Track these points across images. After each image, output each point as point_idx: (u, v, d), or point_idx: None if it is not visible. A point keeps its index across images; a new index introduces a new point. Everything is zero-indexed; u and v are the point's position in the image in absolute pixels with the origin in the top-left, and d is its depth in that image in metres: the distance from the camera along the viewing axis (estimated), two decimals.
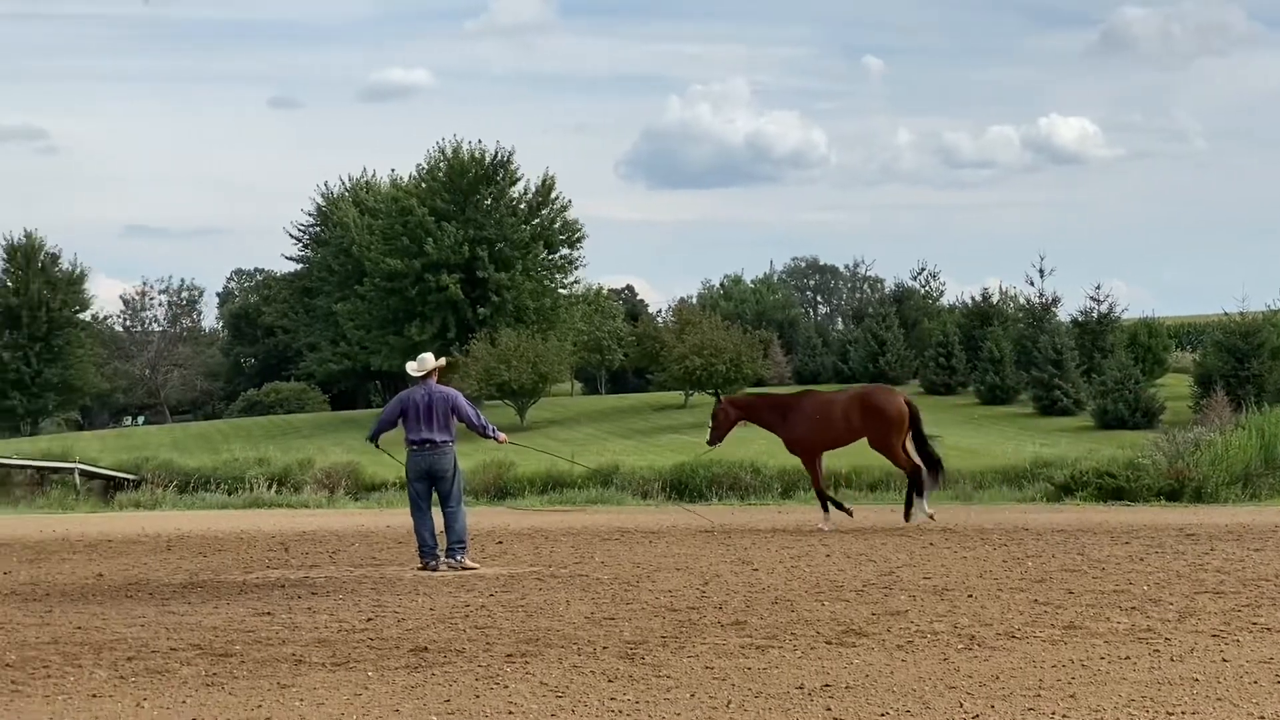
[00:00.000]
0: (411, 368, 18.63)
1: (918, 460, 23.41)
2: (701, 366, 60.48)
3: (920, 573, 16.58)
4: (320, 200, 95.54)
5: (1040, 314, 63.18)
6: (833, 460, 29.02)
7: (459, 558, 17.85)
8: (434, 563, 17.73)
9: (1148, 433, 40.66)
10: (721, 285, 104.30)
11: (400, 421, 18.24)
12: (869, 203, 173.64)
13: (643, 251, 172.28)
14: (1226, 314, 55.77)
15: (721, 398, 25.19)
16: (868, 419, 23.50)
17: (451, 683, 10.17)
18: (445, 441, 18.10)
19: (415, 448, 18.06)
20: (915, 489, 23.38)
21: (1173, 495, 29.00)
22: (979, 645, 11.50)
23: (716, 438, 24.46)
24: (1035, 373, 56.79)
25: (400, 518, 26.46)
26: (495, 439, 18.82)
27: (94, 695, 9.85)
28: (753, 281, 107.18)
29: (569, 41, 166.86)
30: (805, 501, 33.12)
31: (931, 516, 23.10)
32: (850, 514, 23.58)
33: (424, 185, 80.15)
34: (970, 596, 14.34)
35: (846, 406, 23.74)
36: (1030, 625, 12.47)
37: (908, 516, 23.20)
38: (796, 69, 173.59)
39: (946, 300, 78.24)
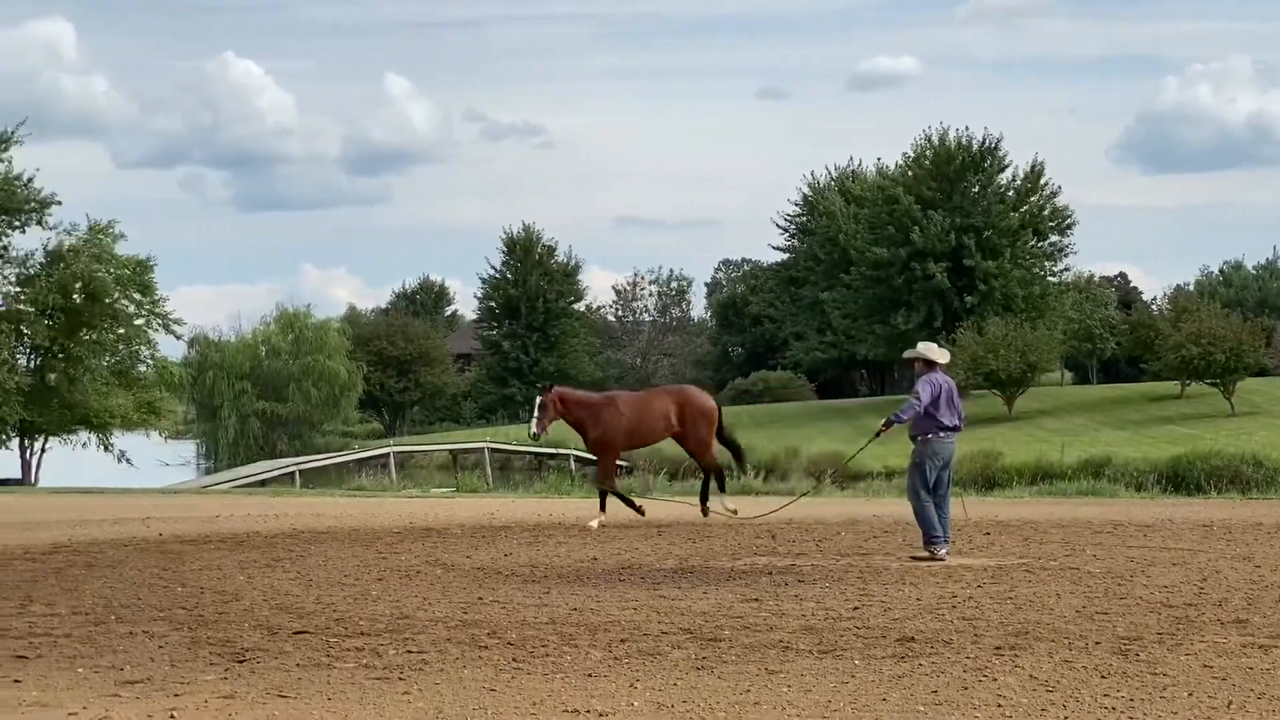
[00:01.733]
0: (938, 353, 18.44)
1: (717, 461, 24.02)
2: (1199, 355, 58.52)
3: None
4: (807, 190, 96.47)
5: None
6: None
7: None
8: (944, 550, 17.61)
9: None
10: (1221, 272, 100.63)
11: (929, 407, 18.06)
12: None
13: (1136, 238, 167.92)
14: None
15: (551, 387, 24.86)
16: (687, 418, 23.89)
17: (939, 674, 10.11)
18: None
19: (946, 434, 18.00)
20: (719, 484, 24.02)
21: None
22: None
23: (541, 428, 24.26)
24: None
25: (887, 507, 26.44)
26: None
27: (589, 675, 10.17)
28: (1255, 268, 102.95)
29: (1059, 24, 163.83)
30: None
31: (734, 511, 23.08)
32: (641, 513, 23.63)
33: (910, 173, 79.96)
34: None
35: (665, 406, 24.00)
36: None
37: (705, 511, 23.46)
38: None
39: None
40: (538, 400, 24.22)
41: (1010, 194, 79.08)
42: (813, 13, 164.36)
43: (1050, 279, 79.51)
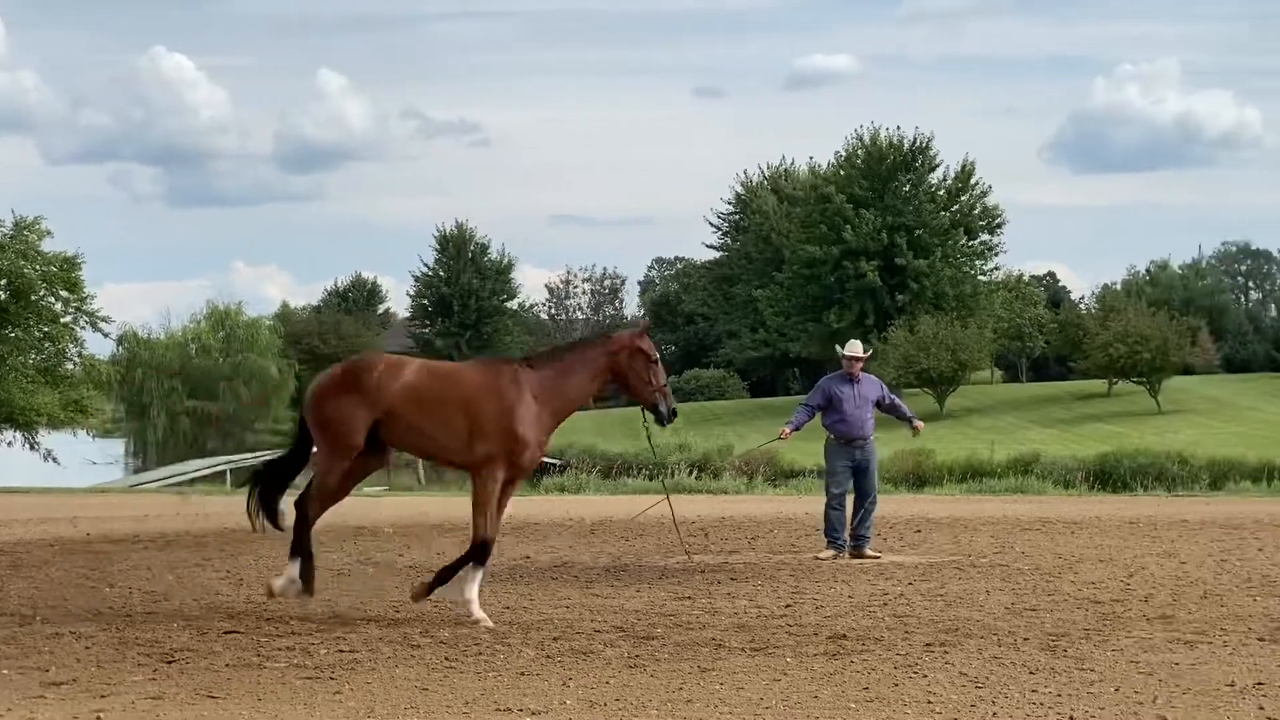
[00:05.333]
0: (848, 349, 18.42)
1: None
2: (1126, 354, 59.02)
3: None
4: (740, 189, 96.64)
5: None
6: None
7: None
8: (830, 554, 17.68)
9: None
10: (1147, 271, 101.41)
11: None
12: None
13: (1066, 237, 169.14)
14: None
15: None
16: None
17: (870, 670, 10.17)
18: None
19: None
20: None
21: None
22: None
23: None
24: None
25: (819, 504, 26.56)
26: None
27: (522, 673, 10.18)
28: (1180, 267, 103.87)
29: (995, 25, 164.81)
30: (1235, 493, 32.03)
31: None
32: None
33: (842, 173, 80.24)
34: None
35: None
36: None
37: None
38: (1231, 46, 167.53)
39: None
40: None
41: (941, 193, 79.54)
42: (750, 11, 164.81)
43: (980, 278, 80.00)
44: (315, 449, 13.28)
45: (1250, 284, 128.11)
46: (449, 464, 13.83)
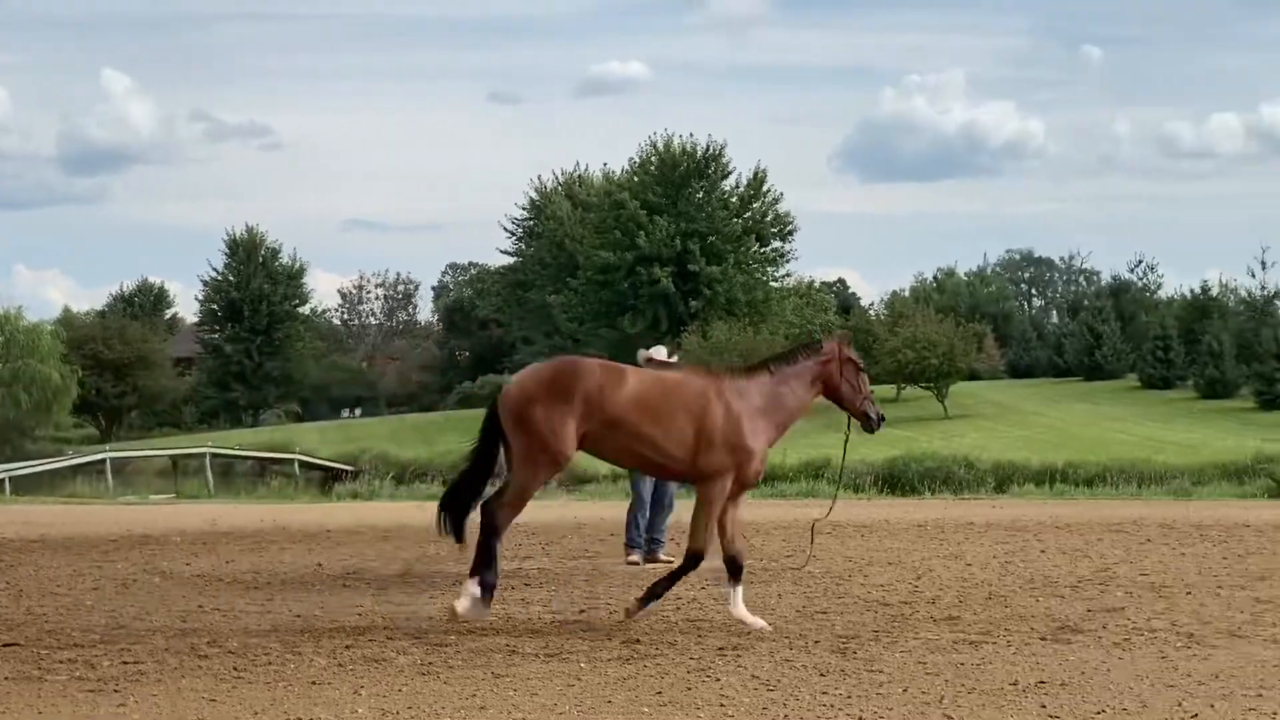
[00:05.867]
0: (648, 353, 18.42)
1: None
2: (914, 360, 60.04)
3: (1137, 569, 16.30)
4: (534, 194, 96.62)
5: (1262, 307, 61.70)
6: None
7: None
8: (637, 556, 17.76)
9: None
10: (935, 278, 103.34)
11: None
12: (1086, 194, 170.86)
13: (855, 244, 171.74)
14: None
15: None
16: None
17: (663, 675, 10.21)
18: None
19: None
20: None
21: None
22: (1198, 643, 11.27)
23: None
24: (1257, 366, 55.47)
25: (613, 510, 26.61)
26: None
27: (313, 682, 10.06)
28: (966, 274, 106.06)
29: (785, 34, 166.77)
30: (1019, 496, 32.75)
31: None
32: None
33: (636, 179, 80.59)
34: (1189, 594, 14.06)
35: None
36: (1252, 623, 12.19)
37: None
38: (1014, 59, 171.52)
39: (1164, 293, 76.75)
40: None
41: (734, 200, 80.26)
42: (544, 17, 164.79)
43: (772, 284, 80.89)
44: (511, 457, 12.60)
45: (1033, 291, 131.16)
46: (670, 475, 13.57)
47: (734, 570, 12.51)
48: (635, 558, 17.67)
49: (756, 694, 9.56)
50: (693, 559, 12.61)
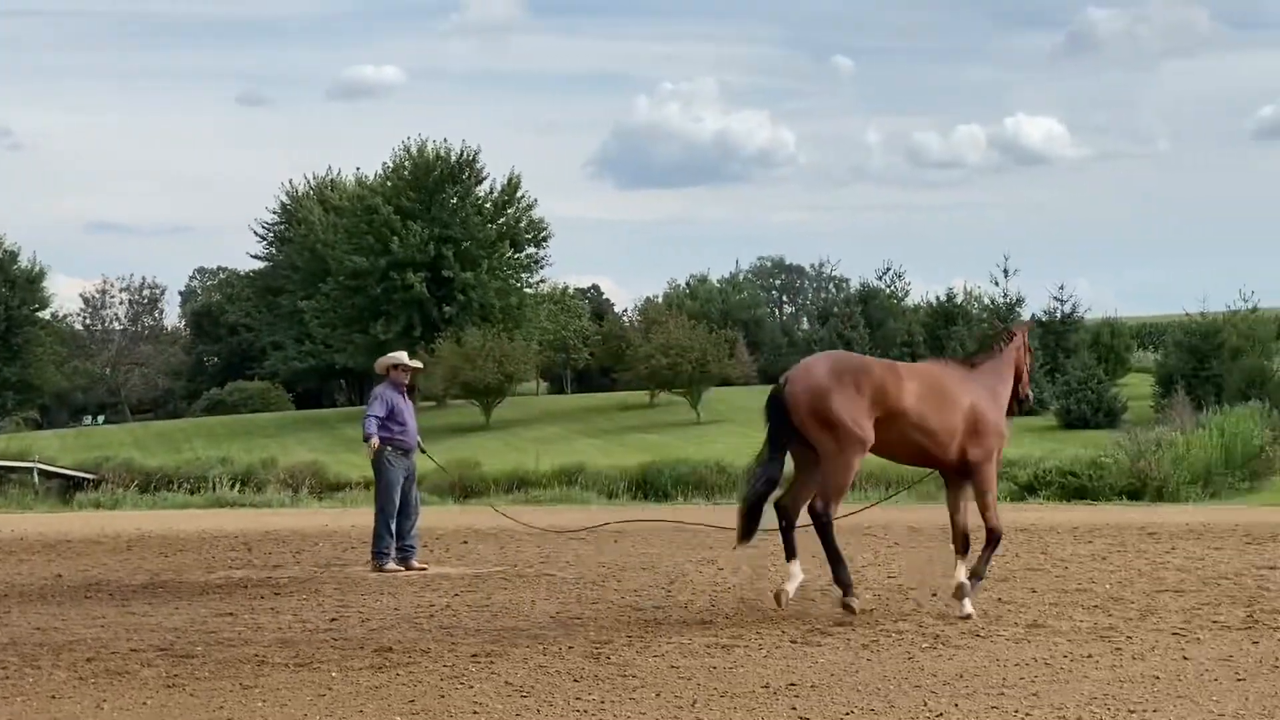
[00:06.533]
0: (391, 359, 18.31)
1: None
2: (667, 366, 60.47)
3: (885, 571, 16.60)
4: (285, 199, 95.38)
5: (1005, 314, 63.35)
6: None
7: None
8: (390, 563, 17.62)
9: (1110, 432, 40.82)
10: (687, 285, 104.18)
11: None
12: (837, 202, 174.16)
13: (609, 251, 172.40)
14: (1188, 314, 56.08)
15: None
16: None
17: (416, 683, 10.13)
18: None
19: (404, 452, 17.94)
20: None
21: (1135, 494, 29.15)
22: (943, 644, 11.51)
23: None
24: None
25: (366, 517, 26.35)
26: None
27: (53, 696, 9.78)
28: (719, 281, 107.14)
29: (540, 40, 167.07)
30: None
31: None
32: None
33: (389, 184, 79.99)
34: (934, 595, 14.35)
35: None
36: (994, 624, 12.48)
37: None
38: (766, 68, 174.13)
39: (912, 300, 78.39)
40: None
41: (488, 206, 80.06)
42: (295, 18, 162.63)
43: (527, 290, 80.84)
44: (820, 450, 12.92)
45: (784, 298, 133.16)
46: (934, 464, 13.74)
47: (964, 546, 13.41)
48: (387, 565, 17.52)
49: (510, 700, 9.52)
50: (996, 538, 13.56)
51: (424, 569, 17.55)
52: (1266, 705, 9.19)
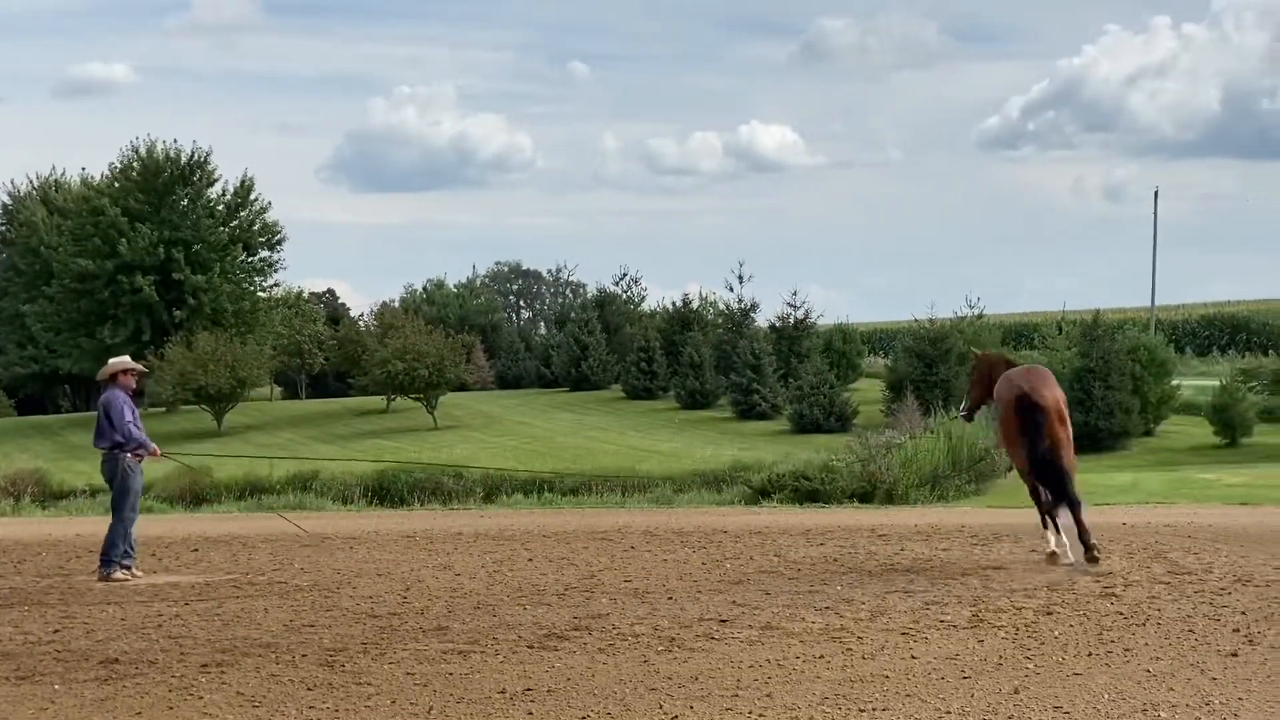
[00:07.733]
0: (115, 365, 17.91)
1: None
2: (404, 371, 60.10)
3: (621, 576, 16.69)
4: (6, 199, 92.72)
5: (739, 319, 64.23)
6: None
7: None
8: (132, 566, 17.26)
9: (842, 436, 41.57)
10: (424, 289, 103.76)
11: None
12: (575, 208, 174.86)
13: (345, 255, 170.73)
14: (916, 320, 57.45)
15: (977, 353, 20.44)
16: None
17: (143, 694, 9.90)
18: None
19: (141, 458, 17.59)
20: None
21: (865, 497, 29.70)
22: (679, 647, 11.61)
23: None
24: (734, 377, 57.70)
25: (90, 526, 25.71)
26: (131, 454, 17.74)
27: None
28: (456, 286, 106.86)
29: (273, 41, 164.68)
30: (508, 506, 33.15)
31: None
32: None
33: (116, 185, 78.18)
34: (670, 599, 14.47)
35: None
36: (728, 626, 12.63)
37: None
38: (504, 73, 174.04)
39: (648, 305, 79.07)
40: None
41: (220, 208, 78.73)
42: (19, 14, 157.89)
43: (260, 294, 79.68)
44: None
45: (521, 303, 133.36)
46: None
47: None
48: (119, 574, 17.11)
49: (242, 711, 9.36)
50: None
51: (139, 576, 17.20)
52: (991, 702, 9.44)
